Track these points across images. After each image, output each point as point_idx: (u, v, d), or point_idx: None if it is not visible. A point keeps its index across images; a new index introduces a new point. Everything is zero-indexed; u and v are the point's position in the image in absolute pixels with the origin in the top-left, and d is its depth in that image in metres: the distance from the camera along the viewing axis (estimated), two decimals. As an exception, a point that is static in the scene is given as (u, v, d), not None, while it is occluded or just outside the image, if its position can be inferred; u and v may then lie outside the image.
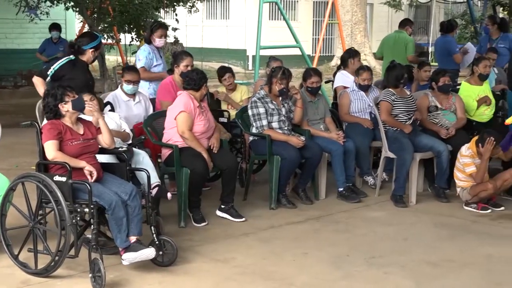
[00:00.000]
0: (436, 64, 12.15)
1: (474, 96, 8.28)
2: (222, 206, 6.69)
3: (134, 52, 9.48)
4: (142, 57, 8.04)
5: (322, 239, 6.20)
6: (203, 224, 6.47)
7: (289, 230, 6.45)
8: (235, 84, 8.72)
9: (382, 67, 10.37)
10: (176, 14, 15.30)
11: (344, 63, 8.73)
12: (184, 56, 7.44)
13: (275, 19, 23.83)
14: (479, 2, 18.61)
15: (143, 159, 5.99)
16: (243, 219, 6.62)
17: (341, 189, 7.41)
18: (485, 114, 8.34)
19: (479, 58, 8.70)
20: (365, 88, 8.05)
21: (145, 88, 7.87)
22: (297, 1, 26.45)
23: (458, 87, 9.70)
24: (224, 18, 25.75)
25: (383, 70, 11.57)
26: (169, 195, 6.01)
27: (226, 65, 11.94)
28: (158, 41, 8.02)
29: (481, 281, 5.22)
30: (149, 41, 8.13)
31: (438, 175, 7.49)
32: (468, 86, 8.41)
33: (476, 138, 7.17)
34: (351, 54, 8.74)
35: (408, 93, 7.82)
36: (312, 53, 21.63)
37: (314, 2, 26.79)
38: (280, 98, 7.28)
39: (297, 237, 6.22)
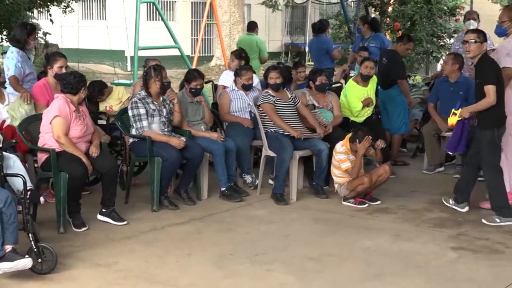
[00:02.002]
0: (312, 63, 12.46)
1: (360, 97, 8.52)
2: (103, 210, 6.57)
3: (4, 53, 9.11)
4: (11, 65, 7.66)
5: (205, 239, 6.21)
6: (83, 229, 6.33)
7: (172, 231, 6.42)
8: (110, 87, 8.60)
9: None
10: (50, 15, 14.87)
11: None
12: (57, 57, 7.24)
13: (153, 20, 23.63)
14: (352, 3, 19.18)
15: (14, 163, 5.76)
16: (125, 222, 6.53)
17: (224, 188, 7.43)
18: (364, 115, 8.60)
19: (363, 59, 8.95)
20: (248, 88, 8.13)
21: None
22: (175, 1, 26.34)
23: (334, 85, 9.99)
24: (100, 18, 25.26)
25: None
26: (42, 199, 5.84)
27: (106, 66, 11.79)
28: (32, 44, 7.74)
29: (360, 273, 5.38)
30: (18, 43, 7.76)
31: (317, 173, 7.64)
32: (355, 86, 8.61)
33: (349, 135, 7.38)
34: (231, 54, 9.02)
35: (290, 95, 7.84)
36: (192, 54, 21.59)
37: (192, 2, 26.76)
38: (161, 99, 7.22)
39: (180, 239, 6.20)
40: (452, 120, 7.07)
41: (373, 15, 15.39)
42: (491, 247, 5.99)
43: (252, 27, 12.56)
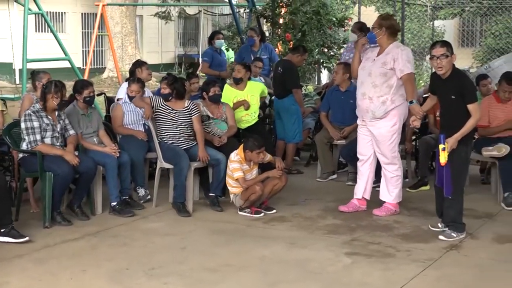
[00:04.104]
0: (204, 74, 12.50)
1: (231, 98, 8.74)
2: (2, 230, 6.28)
3: None
4: None
5: (100, 254, 6.09)
6: (-29, 249, 6.08)
7: (66, 248, 6.26)
8: None
9: None
10: None
11: (131, 74, 8.72)
12: None
13: (42, 31, 23.04)
14: (244, 14, 19.33)
15: None
16: (27, 238, 6.28)
17: (114, 203, 7.26)
18: (243, 120, 8.71)
19: (236, 64, 9.21)
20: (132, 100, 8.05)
21: None
22: (65, 12, 25.77)
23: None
24: (-14, 30, 24.42)
25: None
26: None
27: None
28: None
29: (258, 282, 5.41)
30: None
31: (215, 184, 7.60)
32: (229, 88, 8.94)
33: (243, 144, 7.42)
34: (137, 65, 8.77)
35: (186, 105, 7.71)
36: (83, 66, 21.21)
37: (82, 14, 26.28)
38: (56, 114, 7.05)
39: (74, 255, 6.05)
40: (445, 156, 6.18)
41: (264, 27, 15.56)
42: (383, 251, 6.16)
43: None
